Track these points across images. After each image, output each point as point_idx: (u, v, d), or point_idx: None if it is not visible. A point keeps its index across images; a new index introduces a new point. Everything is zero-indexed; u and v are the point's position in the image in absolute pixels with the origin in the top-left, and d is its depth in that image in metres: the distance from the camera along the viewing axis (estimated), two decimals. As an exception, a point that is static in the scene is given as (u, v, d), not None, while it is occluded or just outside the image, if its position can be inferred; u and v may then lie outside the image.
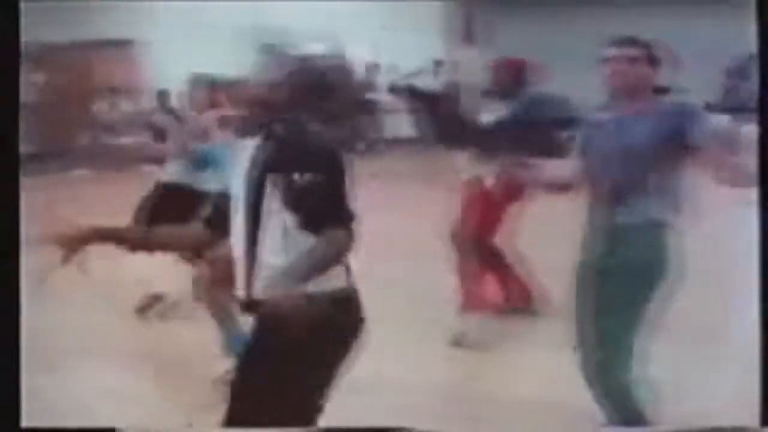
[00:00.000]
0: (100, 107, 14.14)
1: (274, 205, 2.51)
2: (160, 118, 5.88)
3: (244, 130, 2.68)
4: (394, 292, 6.70)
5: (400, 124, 16.14)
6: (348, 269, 2.63)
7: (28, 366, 2.41)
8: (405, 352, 5.20)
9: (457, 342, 5.29)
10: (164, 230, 2.83)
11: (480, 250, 5.54)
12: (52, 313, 5.06)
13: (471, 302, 5.44)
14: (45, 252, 2.22)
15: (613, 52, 3.40)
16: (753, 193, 2.92)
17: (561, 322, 3.50)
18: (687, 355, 4.27)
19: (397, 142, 16.13)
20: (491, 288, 5.66)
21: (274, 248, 2.50)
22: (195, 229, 2.75)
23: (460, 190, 5.65)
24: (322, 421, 2.54)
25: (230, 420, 2.52)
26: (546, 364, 4.60)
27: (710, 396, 3.43)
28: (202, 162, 5.09)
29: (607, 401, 3.34)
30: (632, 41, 3.42)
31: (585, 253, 3.45)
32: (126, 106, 14.30)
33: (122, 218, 5.54)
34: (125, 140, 12.64)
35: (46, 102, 15.57)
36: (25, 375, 2.34)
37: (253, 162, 2.59)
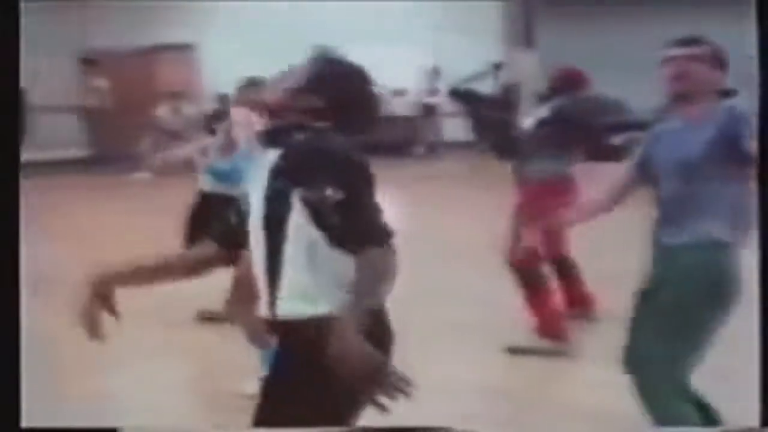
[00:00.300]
0: (162, 111, 14.30)
1: (299, 220, 2.35)
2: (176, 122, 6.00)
3: (266, 139, 2.51)
4: (449, 296, 6.67)
5: (460, 127, 16.07)
6: None
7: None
8: (459, 356, 5.17)
9: (513, 350, 5.24)
10: (180, 255, 2.70)
11: (535, 265, 5.34)
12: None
13: (546, 330, 5.32)
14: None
15: (674, 51, 3.20)
16: None
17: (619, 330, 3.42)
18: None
19: (457, 146, 16.05)
20: (557, 299, 5.53)
21: (299, 265, 2.35)
22: (208, 247, 2.59)
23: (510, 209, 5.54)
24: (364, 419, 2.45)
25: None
26: (600, 372, 4.56)
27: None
28: (220, 174, 5.10)
29: (656, 418, 3.23)
30: (695, 40, 3.20)
31: (647, 270, 3.31)
32: (188, 110, 14.45)
33: (176, 223, 5.62)
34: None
35: (109, 107, 15.86)
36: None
37: (274, 174, 2.43)
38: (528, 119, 5.61)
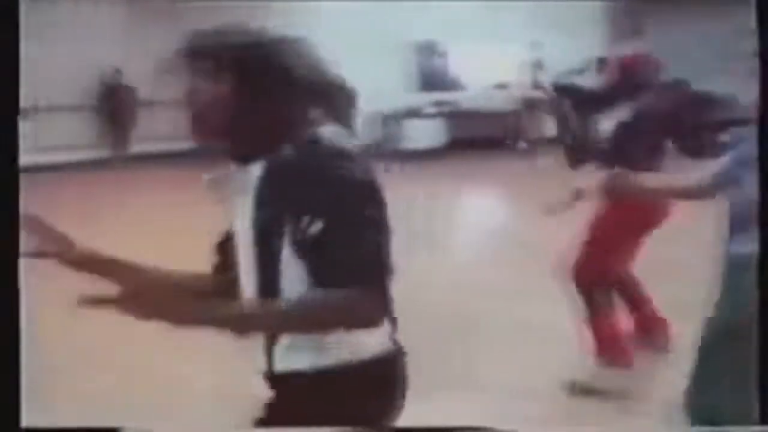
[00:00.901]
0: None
1: (290, 258, 1.99)
2: None
3: (236, 151, 2.12)
4: (531, 296, 6.54)
5: (562, 123, 15.78)
6: (393, 324, 2.13)
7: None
8: (513, 390, 5.00)
9: (575, 388, 4.93)
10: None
11: (603, 285, 5.09)
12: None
13: (608, 354, 5.00)
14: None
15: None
16: None
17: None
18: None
19: (558, 142, 15.79)
20: (622, 322, 5.20)
21: None
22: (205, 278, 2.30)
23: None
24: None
25: None
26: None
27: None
28: None
29: None
30: None
31: (719, 289, 3.11)
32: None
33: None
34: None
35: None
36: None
37: (259, 197, 2.04)
38: (606, 121, 5.25)
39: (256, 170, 2.06)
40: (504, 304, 6.75)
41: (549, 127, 16.45)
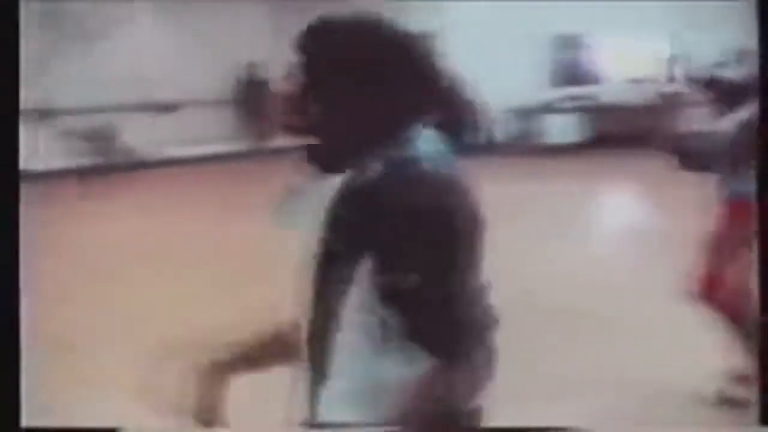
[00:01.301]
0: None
1: (352, 298, 1.65)
2: None
3: (318, 154, 1.77)
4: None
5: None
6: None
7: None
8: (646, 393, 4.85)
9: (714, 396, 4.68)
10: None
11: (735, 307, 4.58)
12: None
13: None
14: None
15: None
16: None
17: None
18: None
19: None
20: None
21: (360, 353, 1.65)
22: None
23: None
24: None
25: None
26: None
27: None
28: None
29: None
30: None
31: None
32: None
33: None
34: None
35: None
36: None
37: (329, 221, 1.71)
38: (725, 120, 4.90)
39: (332, 185, 1.73)
40: (640, 305, 6.58)
41: (688, 123, 15.88)
